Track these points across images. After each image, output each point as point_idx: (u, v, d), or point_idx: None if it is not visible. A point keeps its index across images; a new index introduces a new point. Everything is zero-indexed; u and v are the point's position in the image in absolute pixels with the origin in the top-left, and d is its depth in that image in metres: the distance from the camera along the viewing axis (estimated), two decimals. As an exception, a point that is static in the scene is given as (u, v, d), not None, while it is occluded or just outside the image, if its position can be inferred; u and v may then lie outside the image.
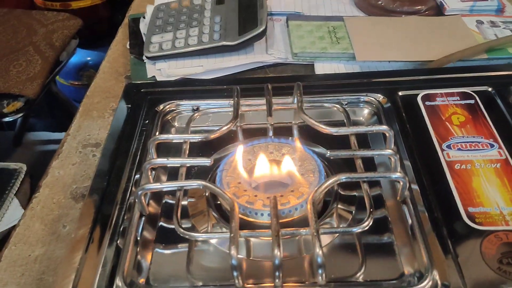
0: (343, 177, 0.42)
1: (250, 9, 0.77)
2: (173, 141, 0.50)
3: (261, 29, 0.72)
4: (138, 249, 0.44)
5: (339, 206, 0.46)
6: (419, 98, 0.54)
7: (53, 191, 0.58)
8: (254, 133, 0.53)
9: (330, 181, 0.41)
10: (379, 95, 0.55)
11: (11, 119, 1.24)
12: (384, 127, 0.46)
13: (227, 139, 0.52)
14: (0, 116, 1.21)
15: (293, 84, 0.53)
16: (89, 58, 1.67)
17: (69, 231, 0.53)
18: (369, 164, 0.50)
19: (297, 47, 0.72)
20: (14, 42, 1.29)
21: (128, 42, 0.81)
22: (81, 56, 1.66)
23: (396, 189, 0.46)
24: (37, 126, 1.84)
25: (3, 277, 0.50)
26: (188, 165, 0.47)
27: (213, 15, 0.78)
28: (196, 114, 0.53)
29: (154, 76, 0.71)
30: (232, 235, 0.37)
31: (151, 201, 0.49)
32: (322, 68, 0.71)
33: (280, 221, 0.41)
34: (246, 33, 0.72)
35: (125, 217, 0.45)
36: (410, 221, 0.43)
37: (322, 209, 0.46)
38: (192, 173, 0.50)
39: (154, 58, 0.74)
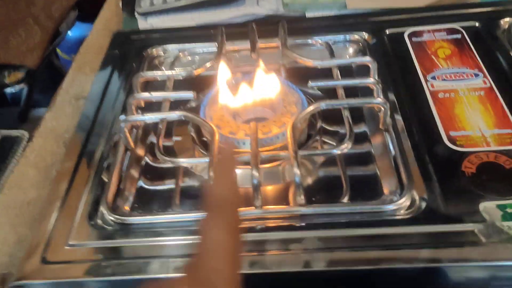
0: (323, 104, 0.42)
1: (240, -38, 0.76)
2: (158, 79, 0.50)
3: (251, -20, 0.71)
4: (124, 183, 0.44)
5: (322, 139, 0.47)
6: (406, 35, 0.54)
7: (46, 141, 0.59)
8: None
9: (311, 107, 0.41)
10: (364, 33, 0.54)
11: (13, 90, 1.25)
12: (367, 58, 0.46)
13: (214, 80, 0.52)
14: (2, 87, 1.22)
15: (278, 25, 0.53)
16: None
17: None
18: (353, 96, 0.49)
19: (287, -2, 0.72)
20: (13, 14, 1.29)
21: (120, 2, 0.81)
22: (82, 29, 1.66)
23: (379, 122, 0.46)
24: (42, 102, 1.86)
25: (-1, 220, 0.51)
26: (171, 99, 0.47)
27: (203, -31, 0.78)
28: (181, 54, 0.53)
29: (146, 31, 0.71)
30: (210, 158, 0.38)
31: (138, 143, 0.49)
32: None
33: (262, 149, 0.41)
34: (236, -15, 0.72)
35: (110, 154, 0.45)
36: (392, 149, 0.43)
37: (306, 141, 0.46)
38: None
39: (145, 14, 0.74)
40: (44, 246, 0.39)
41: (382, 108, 0.43)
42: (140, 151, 0.48)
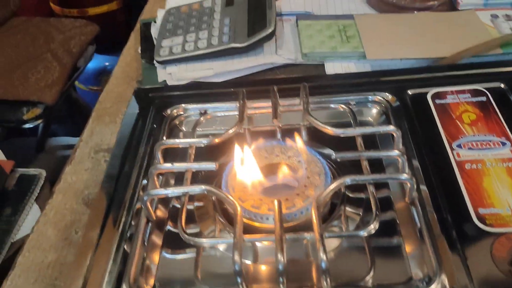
0: (348, 180, 0.41)
1: (259, 10, 0.76)
2: (179, 146, 0.50)
3: (270, 30, 0.72)
4: (145, 254, 0.44)
5: (346, 208, 0.46)
6: (429, 96, 0.53)
7: (66, 196, 0.59)
8: (262, 136, 0.53)
9: (335, 184, 0.41)
10: (387, 94, 0.54)
11: (31, 126, 1.27)
12: (391, 128, 0.45)
13: (235, 143, 0.52)
14: (21, 123, 1.24)
15: (300, 85, 0.53)
16: (107, 63, 1.69)
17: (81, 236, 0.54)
18: (378, 165, 0.49)
19: (306, 47, 0.72)
20: (33, 49, 1.32)
21: (140, 47, 0.81)
22: (99, 61, 1.68)
23: (404, 190, 0.45)
24: (59, 131, 1.88)
25: (17, 284, 0.50)
26: (193, 170, 0.47)
27: (222, 17, 0.78)
28: (202, 118, 0.53)
29: (165, 80, 0.71)
30: (235, 240, 0.37)
31: (159, 205, 0.49)
32: (332, 67, 0.70)
33: (286, 225, 0.40)
34: (255, 35, 0.72)
35: (133, 222, 0.45)
36: (418, 223, 0.42)
37: (330, 211, 0.45)
38: (199, 177, 0.50)
39: (164, 62, 0.74)
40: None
41: (408, 184, 0.42)
42: (162, 215, 0.47)
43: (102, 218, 0.45)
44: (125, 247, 0.44)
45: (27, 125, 1.25)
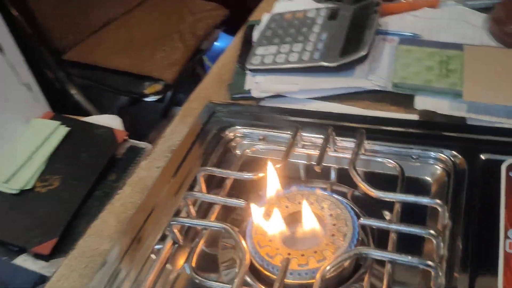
0: (365, 252, 0.39)
1: (359, 29, 0.73)
2: (221, 175, 0.51)
3: (362, 54, 0.68)
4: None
5: (371, 273, 0.43)
6: (503, 167, 0.46)
7: (133, 190, 0.63)
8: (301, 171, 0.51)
9: (346, 255, 0.38)
10: (455, 153, 0.48)
11: (152, 99, 1.37)
12: (436, 201, 0.41)
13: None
14: (142, 96, 1.34)
15: (359, 125, 0.50)
16: (234, 44, 1.75)
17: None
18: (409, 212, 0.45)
19: (398, 77, 0.67)
20: (165, 28, 1.41)
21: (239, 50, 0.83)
22: (228, 41, 1.74)
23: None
24: (183, 101, 2.02)
25: (72, 264, 0.56)
26: (222, 203, 0.48)
27: (321, 31, 0.76)
28: (247, 150, 0.53)
29: (250, 89, 0.72)
30: (233, 290, 0.38)
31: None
32: (423, 102, 0.65)
33: (290, 281, 0.39)
34: (346, 56, 0.69)
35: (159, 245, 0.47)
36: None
37: (354, 268, 0.43)
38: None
39: (254, 71, 0.75)
40: None
41: (433, 273, 0.38)
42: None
43: (135, 233, 0.48)
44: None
45: (148, 99, 1.35)
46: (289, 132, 0.53)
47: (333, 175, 0.50)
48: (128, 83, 1.30)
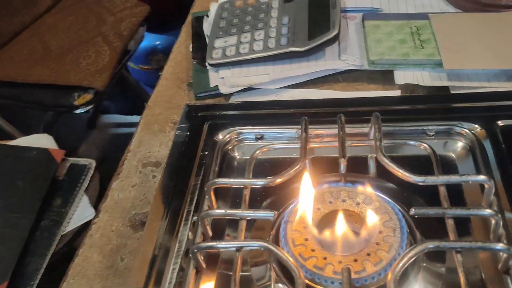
0: (431, 245, 0.35)
1: (321, 9, 0.69)
2: (233, 186, 0.45)
3: (334, 34, 0.65)
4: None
5: (424, 264, 0.40)
6: (523, 130, 0.45)
7: (112, 216, 0.56)
8: (325, 168, 0.47)
9: (414, 251, 0.35)
10: (474, 125, 0.46)
11: (82, 111, 1.25)
12: (482, 177, 0.39)
13: (295, 177, 0.46)
14: (72, 108, 1.23)
15: (369, 109, 0.47)
16: (158, 42, 1.66)
17: (127, 264, 0.51)
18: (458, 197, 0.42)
19: (374, 54, 0.64)
20: (84, 33, 1.29)
21: (191, 45, 0.76)
22: (150, 40, 1.65)
23: (496, 254, 0.38)
24: (111, 109, 1.88)
25: (64, 318, 0.48)
26: (248, 218, 0.42)
27: (280, 16, 0.71)
28: (258, 151, 0.48)
29: (217, 86, 0.66)
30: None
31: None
32: (402, 76, 0.63)
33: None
34: (316, 38, 0.65)
35: (181, 273, 0.41)
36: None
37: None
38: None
39: (217, 65, 0.69)
40: None
41: (504, 255, 0.36)
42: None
43: (147, 269, 0.41)
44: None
45: (78, 111, 1.24)
46: (293, 127, 0.48)
47: (342, 167, 0.46)
48: (54, 97, 1.18)
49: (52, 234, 0.95)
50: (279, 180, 0.41)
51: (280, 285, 0.40)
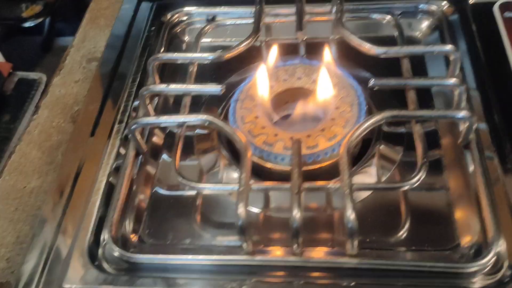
0: (389, 115, 0.32)
1: None
2: (178, 61, 0.41)
3: None
4: (133, 194, 0.36)
5: (381, 147, 0.37)
6: (495, 8, 0.42)
7: (52, 112, 0.52)
8: (281, 51, 0.43)
9: (372, 120, 0.32)
10: (443, 2, 0.43)
11: (31, 24, 1.17)
12: (448, 48, 0.35)
13: (248, 58, 0.42)
14: (20, 21, 1.14)
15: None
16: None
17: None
18: (423, 94, 0.39)
19: None
20: None
21: None
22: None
23: (456, 128, 0.36)
24: (66, 30, 1.77)
25: (-3, 211, 0.45)
26: (193, 93, 0.38)
27: None
28: (208, 27, 0.43)
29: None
30: (240, 189, 0.29)
31: (155, 130, 0.41)
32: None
33: (305, 168, 0.32)
34: None
35: (120, 152, 0.37)
36: (473, 174, 0.33)
37: (360, 151, 0.37)
38: (203, 101, 0.41)
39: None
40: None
41: (466, 124, 0.33)
42: (158, 140, 0.39)
43: (82, 149, 0.37)
44: (111, 180, 0.37)
45: (27, 24, 1.15)
46: (249, 6, 0.43)
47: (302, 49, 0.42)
48: (1, 8, 1.09)
49: (1, 150, 0.90)
50: (229, 54, 0.37)
51: (230, 170, 0.37)
